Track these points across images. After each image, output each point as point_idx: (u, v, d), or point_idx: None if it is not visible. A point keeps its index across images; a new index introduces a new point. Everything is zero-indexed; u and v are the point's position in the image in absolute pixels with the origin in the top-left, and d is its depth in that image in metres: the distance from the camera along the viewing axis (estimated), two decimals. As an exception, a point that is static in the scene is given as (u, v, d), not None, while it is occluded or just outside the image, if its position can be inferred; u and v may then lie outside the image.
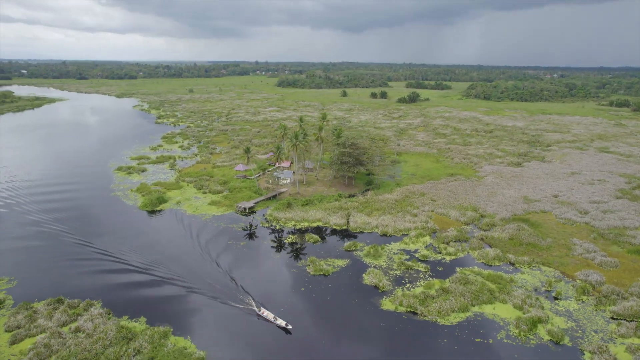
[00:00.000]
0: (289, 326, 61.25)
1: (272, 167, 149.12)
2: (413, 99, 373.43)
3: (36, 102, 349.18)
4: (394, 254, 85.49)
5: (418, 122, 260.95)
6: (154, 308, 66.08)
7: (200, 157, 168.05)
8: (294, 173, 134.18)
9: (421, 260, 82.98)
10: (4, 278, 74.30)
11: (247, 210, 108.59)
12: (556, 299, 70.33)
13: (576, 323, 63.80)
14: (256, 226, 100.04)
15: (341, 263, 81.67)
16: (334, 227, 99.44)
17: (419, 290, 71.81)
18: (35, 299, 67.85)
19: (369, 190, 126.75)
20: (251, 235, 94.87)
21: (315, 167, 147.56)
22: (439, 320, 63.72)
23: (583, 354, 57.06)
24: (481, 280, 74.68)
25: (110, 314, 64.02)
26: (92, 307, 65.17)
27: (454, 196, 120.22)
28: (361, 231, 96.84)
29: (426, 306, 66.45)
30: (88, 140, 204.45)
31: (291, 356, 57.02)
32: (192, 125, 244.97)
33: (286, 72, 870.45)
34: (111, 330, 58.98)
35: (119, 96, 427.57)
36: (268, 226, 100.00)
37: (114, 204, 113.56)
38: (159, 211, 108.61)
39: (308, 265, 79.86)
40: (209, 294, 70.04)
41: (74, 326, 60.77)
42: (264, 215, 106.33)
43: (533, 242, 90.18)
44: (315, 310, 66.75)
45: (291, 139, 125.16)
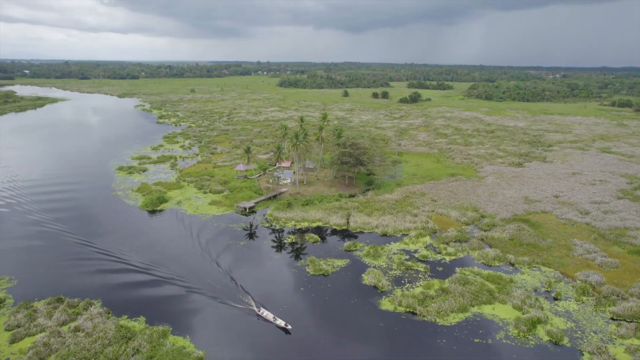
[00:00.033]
0: (289, 326, 61.30)
1: (272, 167, 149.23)
2: (414, 99, 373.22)
3: (38, 102, 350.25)
4: (394, 254, 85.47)
5: (419, 122, 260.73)
6: (153, 308, 66.26)
7: (201, 157, 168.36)
8: (294, 173, 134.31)
9: (421, 261, 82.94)
10: (4, 277, 74.64)
11: (247, 210, 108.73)
12: (556, 299, 70.21)
13: (576, 324, 63.69)
14: (256, 226, 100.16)
15: (341, 263, 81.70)
16: (334, 227, 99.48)
17: (418, 290, 71.78)
18: (36, 298, 68.14)
19: (369, 190, 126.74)
20: (251, 235, 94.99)
21: (315, 167, 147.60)
22: (438, 320, 63.69)
23: (582, 354, 56.95)
24: (481, 280, 74.61)
25: (109, 314, 64.23)
26: (91, 306, 65.42)
27: (454, 196, 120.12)
28: (361, 231, 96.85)
29: (425, 306, 66.46)
30: (89, 140, 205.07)
31: (290, 356, 57.07)
32: (193, 125, 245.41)
33: (288, 72, 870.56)
34: (110, 329, 59.18)
35: (120, 96, 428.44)
36: (268, 226, 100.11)
37: (114, 204, 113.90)
38: (160, 211, 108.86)
39: (308, 265, 79.91)
40: (208, 294, 70.17)
41: (73, 325, 60.99)
42: (264, 215, 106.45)
43: (533, 242, 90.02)
44: (315, 310, 66.81)
45: (292, 139, 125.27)
